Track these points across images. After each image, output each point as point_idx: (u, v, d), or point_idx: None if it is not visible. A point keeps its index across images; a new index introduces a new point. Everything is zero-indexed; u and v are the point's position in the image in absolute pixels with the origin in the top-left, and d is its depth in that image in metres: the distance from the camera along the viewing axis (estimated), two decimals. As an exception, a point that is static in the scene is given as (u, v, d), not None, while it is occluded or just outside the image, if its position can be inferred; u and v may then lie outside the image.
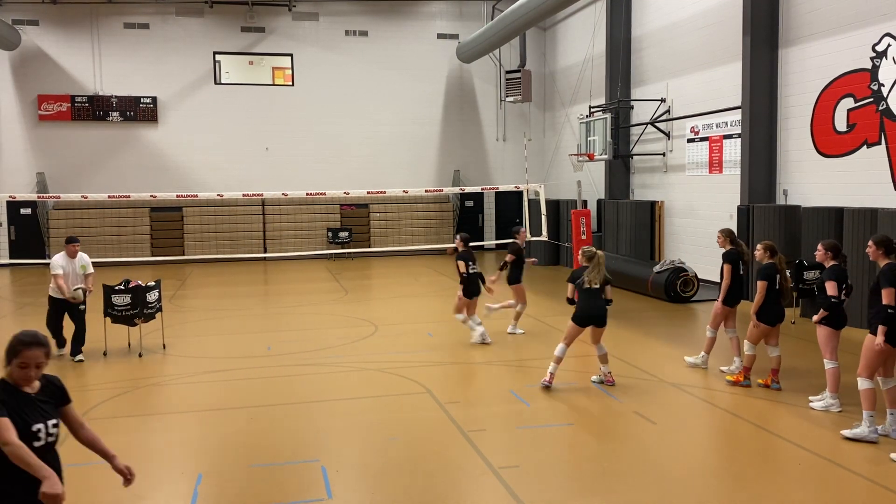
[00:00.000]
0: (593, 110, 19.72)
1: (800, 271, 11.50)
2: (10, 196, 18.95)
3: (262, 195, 19.44)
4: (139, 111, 22.94)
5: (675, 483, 5.79)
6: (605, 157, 17.68)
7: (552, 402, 7.90)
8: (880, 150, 11.73)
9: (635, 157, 19.18)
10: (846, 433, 6.59)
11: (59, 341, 10.21)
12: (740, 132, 14.44)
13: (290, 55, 23.94)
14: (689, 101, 16.64)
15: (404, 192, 19.45)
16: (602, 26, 20.01)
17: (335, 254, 23.33)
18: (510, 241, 11.55)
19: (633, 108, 19.08)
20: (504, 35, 20.75)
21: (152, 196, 17.36)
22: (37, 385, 3.66)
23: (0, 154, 22.34)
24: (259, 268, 21.75)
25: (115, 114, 22.78)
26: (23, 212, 22.27)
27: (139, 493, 5.73)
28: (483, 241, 24.81)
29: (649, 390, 8.35)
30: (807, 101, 13.19)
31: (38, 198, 19.37)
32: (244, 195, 18.39)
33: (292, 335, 11.61)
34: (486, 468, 6.09)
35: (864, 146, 12.05)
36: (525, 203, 20.36)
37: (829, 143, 12.78)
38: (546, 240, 18.87)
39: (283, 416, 7.54)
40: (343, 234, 23.35)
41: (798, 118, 13.45)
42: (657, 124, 17.69)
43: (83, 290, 10.05)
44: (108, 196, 17.36)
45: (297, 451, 6.53)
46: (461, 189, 21.35)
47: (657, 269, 14.59)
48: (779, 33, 13.78)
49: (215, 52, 23.46)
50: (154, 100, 23.00)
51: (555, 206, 20.60)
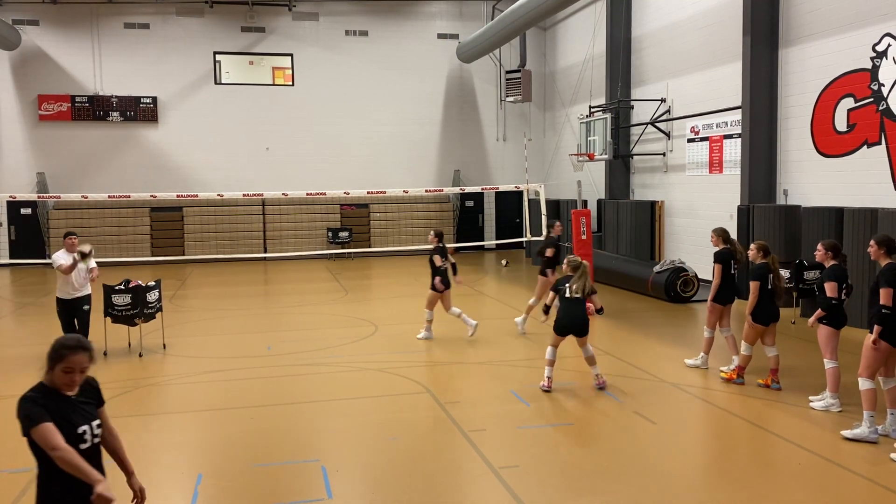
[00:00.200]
0: (593, 110, 19.72)
1: (800, 271, 11.51)
2: (10, 196, 18.95)
3: (262, 195, 19.45)
4: (139, 111, 22.94)
5: (675, 483, 5.79)
6: (606, 157, 17.68)
7: (552, 402, 7.91)
8: (880, 150, 11.74)
9: (635, 157, 19.18)
10: (846, 433, 6.60)
11: None
12: (740, 132, 14.44)
13: (291, 55, 23.95)
14: (690, 101, 16.64)
15: (404, 192, 19.45)
16: (602, 26, 20.01)
17: (335, 254, 23.34)
18: (547, 237, 11.66)
19: (633, 108, 19.09)
20: (504, 35, 20.76)
21: (152, 196, 17.36)
22: (76, 387, 3.57)
23: (0, 154, 22.36)
24: (259, 268, 21.75)
25: (115, 114, 22.79)
26: (23, 212, 22.28)
27: (139, 493, 5.74)
28: (483, 241, 24.82)
29: (649, 390, 8.36)
30: (807, 101, 13.19)
31: (39, 198, 19.37)
32: (244, 195, 18.39)
33: (292, 335, 11.61)
34: (486, 468, 6.09)
35: (865, 146, 12.05)
36: (525, 203, 20.35)
37: (829, 143, 12.78)
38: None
39: (283, 416, 7.54)
40: (343, 234, 23.36)
41: (798, 118, 13.45)
42: (657, 124, 17.69)
43: (88, 251, 9.87)
44: (109, 196, 17.36)
45: (298, 451, 6.53)
46: (461, 189, 21.35)
47: (657, 269, 14.59)
48: (779, 33, 13.78)
49: (215, 52, 23.46)
50: (154, 100, 23.01)
51: (555, 206, 20.61)
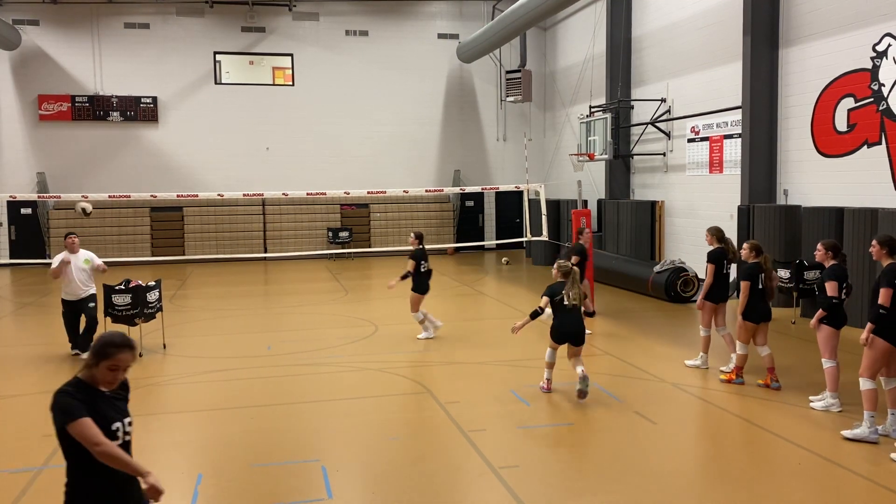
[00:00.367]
0: (593, 110, 19.72)
1: (800, 271, 11.51)
2: (10, 196, 18.94)
3: (262, 195, 19.43)
4: (139, 111, 22.95)
5: (675, 483, 5.79)
6: (606, 156, 17.68)
7: (552, 402, 7.91)
8: (881, 150, 11.73)
9: (635, 157, 19.18)
10: (846, 433, 6.59)
11: (74, 343, 10.30)
12: (741, 132, 14.43)
13: (291, 55, 23.94)
14: (690, 101, 16.63)
15: (404, 192, 19.44)
16: (602, 26, 20.01)
17: (335, 254, 23.34)
18: (575, 243, 11.64)
19: (633, 107, 19.08)
20: (504, 35, 20.76)
21: (152, 196, 17.34)
22: (117, 384, 3.56)
23: (0, 154, 22.36)
24: (259, 268, 21.75)
25: (115, 114, 22.79)
26: (23, 211, 22.28)
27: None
28: (483, 241, 24.82)
29: (649, 390, 8.35)
30: (807, 101, 13.19)
31: (39, 198, 19.36)
32: (244, 195, 18.37)
33: (292, 335, 11.61)
34: (486, 468, 6.09)
35: (865, 146, 12.04)
36: (525, 203, 20.36)
37: (829, 143, 12.78)
38: (546, 240, 18.87)
39: (283, 416, 7.54)
40: (343, 234, 23.36)
41: (798, 118, 13.45)
42: (657, 124, 17.68)
43: (89, 211, 9.78)
44: (109, 196, 17.34)
45: (298, 451, 6.53)
46: (461, 189, 21.34)
47: (657, 269, 14.59)
48: (779, 33, 13.78)
49: (216, 52, 23.46)
50: (154, 100, 23.01)
51: (555, 206, 20.60)
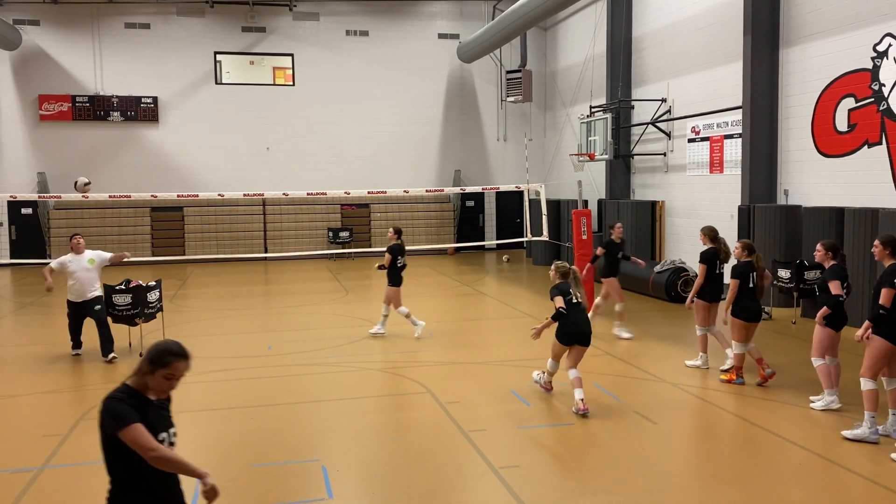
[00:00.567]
0: (594, 110, 19.72)
1: (800, 271, 11.51)
2: (10, 196, 18.92)
3: (262, 195, 19.41)
4: (140, 111, 22.95)
5: (675, 483, 5.79)
6: (606, 156, 17.67)
7: (552, 402, 7.91)
8: (881, 150, 11.73)
9: (636, 157, 19.18)
10: (846, 434, 6.59)
11: (75, 343, 10.29)
12: (741, 132, 14.43)
13: (291, 55, 23.95)
14: (690, 101, 16.63)
15: (405, 192, 19.41)
16: (603, 26, 20.01)
17: (336, 254, 23.34)
18: (607, 240, 11.54)
19: (633, 107, 19.08)
20: (505, 35, 20.75)
21: (153, 196, 17.32)
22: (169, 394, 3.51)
23: (1, 154, 22.36)
24: (260, 268, 21.75)
25: (115, 114, 22.80)
26: (24, 211, 22.28)
27: (140, 493, 5.74)
28: (484, 241, 24.82)
29: (650, 390, 8.36)
30: (808, 101, 13.19)
31: (39, 198, 19.34)
32: (245, 195, 18.34)
33: (293, 335, 11.61)
34: (486, 468, 6.09)
35: (865, 146, 12.04)
36: (526, 203, 20.35)
37: (829, 143, 12.78)
38: (547, 240, 18.86)
39: (283, 416, 7.54)
40: (344, 234, 23.36)
41: (799, 118, 13.45)
42: (658, 124, 17.68)
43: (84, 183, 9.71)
44: (109, 196, 17.32)
45: (298, 451, 6.53)
46: (462, 189, 21.32)
47: (658, 269, 14.59)
48: (779, 33, 13.78)
49: (216, 52, 23.46)
50: (155, 100, 23.01)
51: (555, 206, 20.60)
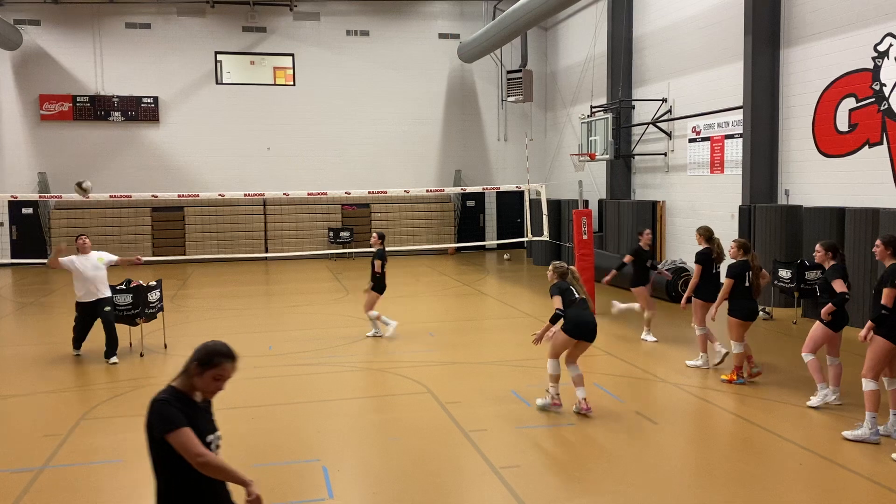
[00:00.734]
0: (595, 110, 19.72)
1: (801, 271, 11.50)
2: (11, 196, 18.94)
3: (263, 195, 19.43)
4: (140, 111, 22.96)
5: (676, 483, 5.79)
6: (607, 156, 17.67)
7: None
8: (882, 151, 11.72)
9: (636, 157, 19.17)
10: (847, 435, 6.58)
11: (78, 344, 10.24)
12: (742, 132, 14.43)
13: (292, 55, 23.95)
14: (691, 100, 16.62)
15: (405, 191, 19.42)
16: (603, 26, 20.01)
17: (336, 254, 23.34)
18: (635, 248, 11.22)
19: (634, 107, 19.08)
20: (505, 35, 20.75)
21: (154, 196, 17.33)
22: (199, 394, 3.46)
23: (2, 154, 22.38)
24: (260, 268, 21.76)
25: (116, 114, 22.80)
26: (24, 211, 22.30)
27: (140, 493, 5.74)
28: (484, 241, 24.82)
29: (650, 390, 8.35)
30: (808, 101, 13.18)
31: (40, 197, 19.36)
32: (245, 195, 18.35)
33: (293, 335, 11.62)
34: (486, 468, 6.08)
35: (866, 146, 12.04)
36: (526, 203, 20.35)
37: (830, 143, 12.77)
38: (547, 240, 18.87)
39: (283, 416, 7.54)
40: (344, 234, 23.36)
41: (800, 118, 13.44)
42: (658, 124, 17.68)
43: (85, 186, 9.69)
44: (110, 196, 17.32)
45: (298, 451, 6.53)
46: (462, 189, 21.34)
47: (658, 269, 14.54)
48: (780, 33, 13.77)
49: (217, 52, 23.47)
50: (155, 100, 23.02)
51: (556, 206, 20.58)
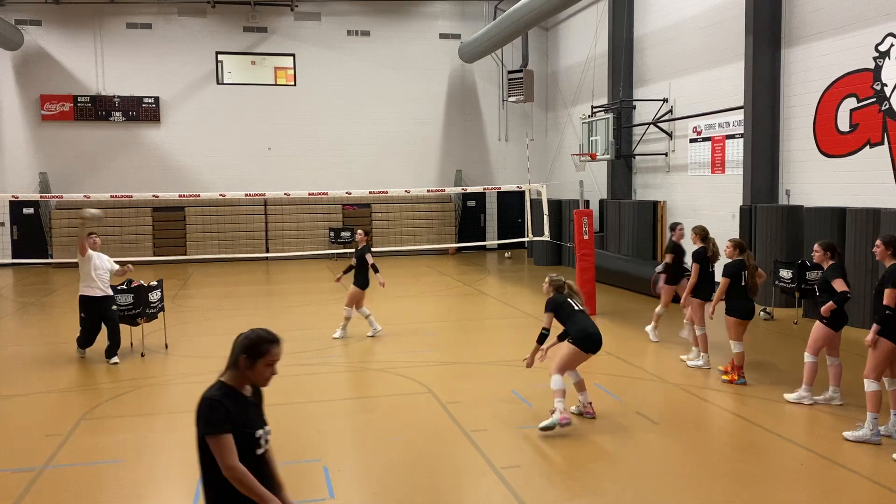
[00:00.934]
0: (595, 110, 19.72)
1: (802, 271, 11.50)
2: (12, 196, 18.97)
3: (264, 195, 19.45)
4: (141, 111, 22.97)
5: (676, 483, 5.79)
6: (608, 157, 17.66)
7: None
8: (883, 151, 11.72)
9: (637, 157, 19.17)
10: (848, 435, 6.58)
11: (88, 343, 10.03)
12: (743, 132, 14.42)
13: (293, 55, 23.96)
14: (692, 101, 16.62)
15: (406, 191, 19.43)
16: (604, 26, 20.01)
17: (337, 254, 23.34)
18: (670, 241, 10.81)
19: (635, 108, 19.08)
20: (506, 35, 20.75)
21: (154, 196, 17.34)
22: (249, 388, 3.46)
23: (3, 154, 22.39)
24: (261, 267, 21.76)
25: (117, 114, 22.81)
26: (25, 211, 22.31)
27: (141, 493, 5.75)
28: (485, 241, 24.82)
29: (651, 390, 8.35)
30: (809, 101, 13.18)
31: (41, 197, 19.38)
32: (246, 195, 18.37)
33: (294, 335, 11.60)
34: (487, 468, 6.08)
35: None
36: (527, 203, 20.35)
37: (831, 144, 12.77)
38: (548, 240, 18.87)
39: (284, 416, 7.53)
40: (345, 234, 23.35)
41: (801, 118, 13.44)
42: (659, 124, 17.67)
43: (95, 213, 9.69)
44: (111, 196, 17.34)
45: (299, 451, 6.53)
46: (463, 189, 21.34)
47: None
48: (781, 33, 13.77)
49: (217, 52, 23.48)
50: (156, 100, 23.03)
51: (557, 206, 20.59)
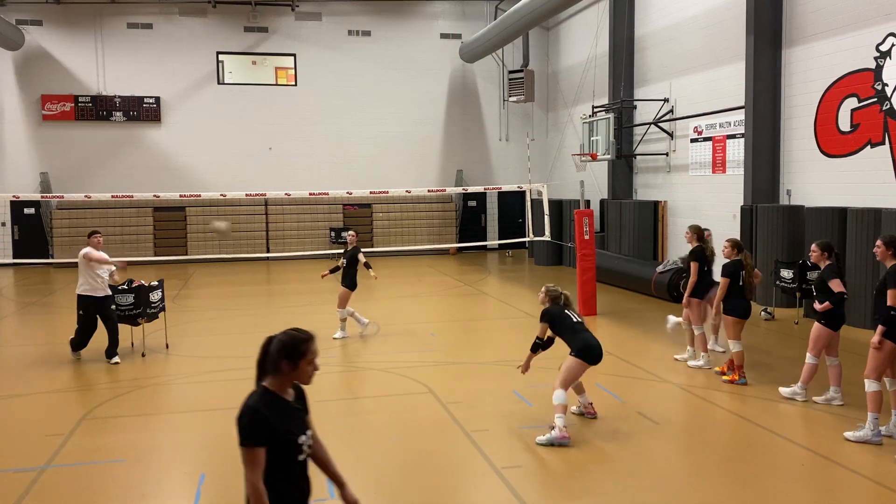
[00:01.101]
0: (596, 110, 19.71)
1: (803, 271, 11.49)
2: (13, 196, 18.97)
3: (264, 195, 19.44)
4: (142, 111, 22.97)
5: (677, 483, 5.79)
6: (609, 157, 17.66)
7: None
8: (884, 150, 11.71)
9: (638, 157, 19.16)
10: (849, 436, 6.57)
11: (83, 345, 9.96)
12: (743, 132, 14.42)
13: (293, 55, 23.96)
14: (693, 100, 16.61)
15: (407, 191, 19.41)
16: (605, 26, 20.00)
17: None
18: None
19: (636, 107, 19.07)
20: (507, 35, 20.74)
21: (155, 196, 17.33)
22: (291, 391, 3.42)
23: (4, 154, 22.40)
24: (262, 268, 21.77)
25: (118, 114, 22.82)
26: (26, 211, 22.32)
27: (142, 493, 5.75)
28: (486, 241, 24.81)
29: (652, 390, 8.35)
30: (810, 101, 13.17)
31: (42, 198, 19.38)
32: (247, 195, 18.36)
33: (295, 335, 11.60)
34: (488, 468, 6.08)
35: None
36: (528, 203, 20.34)
37: (832, 143, 12.76)
38: (549, 240, 18.86)
39: (285, 416, 7.53)
40: (346, 234, 23.33)
41: (801, 118, 13.43)
42: (660, 124, 17.66)
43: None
44: (112, 196, 17.32)
45: (300, 451, 6.53)
46: (464, 189, 21.33)
47: (660, 269, 14.57)
48: (782, 33, 13.76)
49: (218, 52, 23.47)
50: (157, 100, 23.03)
51: (557, 206, 20.59)
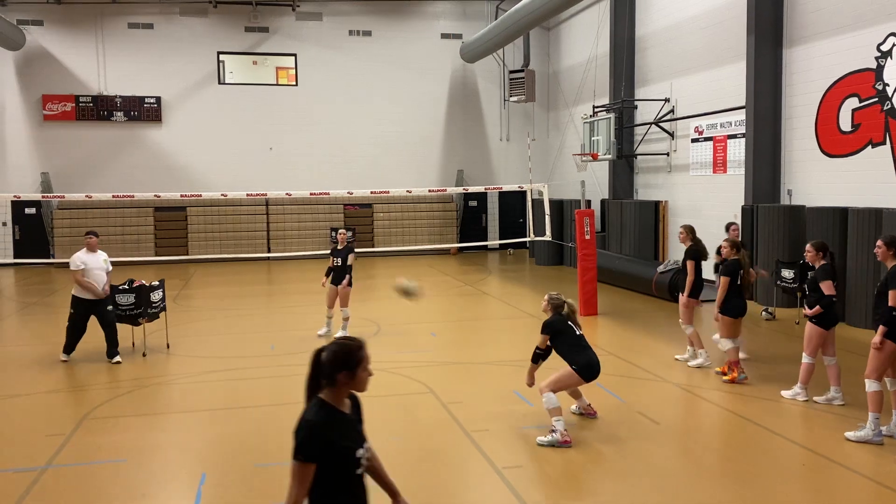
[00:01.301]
0: (597, 110, 19.71)
1: (804, 271, 11.46)
2: (14, 196, 19.01)
3: (265, 195, 19.44)
4: (143, 111, 22.98)
5: (678, 483, 5.79)
6: (609, 156, 17.65)
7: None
8: (885, 150, 11.70)
9: (639, 157, 19.16)
10: (850, 435, 6.57)
11: (72, 347, 9.91)
12: (744, 132, 14.41)
13: (294, 55, 23.96)
14: (693, 100, 16.61)
15: (408, 191, 19.42)
16: (606, 26, 20.00)
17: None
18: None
19: (636, 107, 19.06)
20: (508, 35, 20.74)
21: (156, 196, 17.35)
22: (347, 402, 3.33)
23: (5, 154, 22.41)
24: (262, 267, 21.77)
25: (119, 114, 22.83)
26: (27, 211, 22.33)
27: (143, 492, 5.75)
28: (486, 241, 24.81)
29: (652, 390, 8.35)
30: (811, 101, 13.16)
31: (43, 197, 19.40)
32: (248, 195, 18.37)
33: (296, 334, 11.63)
34: (489, 468, 6.08)
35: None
36: (529, 203, 20.34)
37: (833, 143, 12.75)
38: (549, 240, 18.86)
39: (286, 416, 7.51)
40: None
41: (802, 118, 13.43)
42: (661, 124, 17.66)
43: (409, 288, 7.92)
44: (113, 196, 17.34)
45: (301, 451, 6.52)
46: (465, 189, 21.34)
47: (661, 269, 14.57)
48: (783, 33, 13.75)
49: (219, 52, 23.48)
50: (158, 100, 23.04)
51: (558, 205, 20.59)
